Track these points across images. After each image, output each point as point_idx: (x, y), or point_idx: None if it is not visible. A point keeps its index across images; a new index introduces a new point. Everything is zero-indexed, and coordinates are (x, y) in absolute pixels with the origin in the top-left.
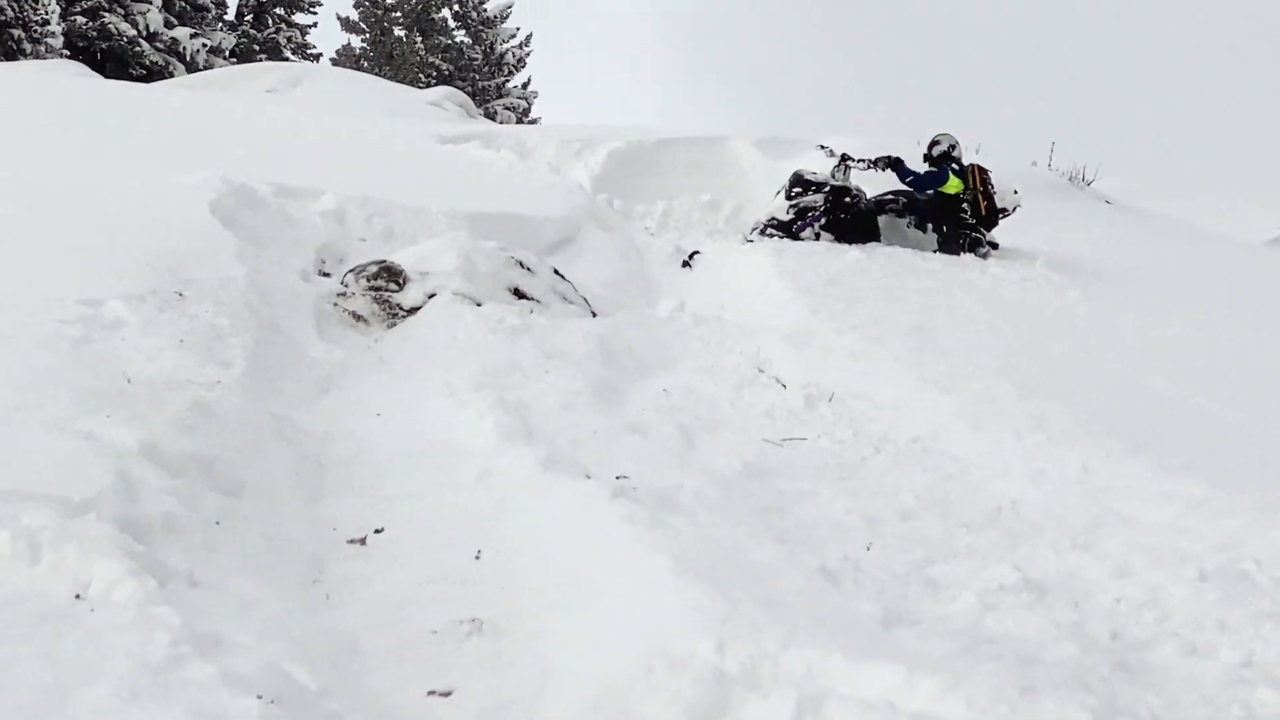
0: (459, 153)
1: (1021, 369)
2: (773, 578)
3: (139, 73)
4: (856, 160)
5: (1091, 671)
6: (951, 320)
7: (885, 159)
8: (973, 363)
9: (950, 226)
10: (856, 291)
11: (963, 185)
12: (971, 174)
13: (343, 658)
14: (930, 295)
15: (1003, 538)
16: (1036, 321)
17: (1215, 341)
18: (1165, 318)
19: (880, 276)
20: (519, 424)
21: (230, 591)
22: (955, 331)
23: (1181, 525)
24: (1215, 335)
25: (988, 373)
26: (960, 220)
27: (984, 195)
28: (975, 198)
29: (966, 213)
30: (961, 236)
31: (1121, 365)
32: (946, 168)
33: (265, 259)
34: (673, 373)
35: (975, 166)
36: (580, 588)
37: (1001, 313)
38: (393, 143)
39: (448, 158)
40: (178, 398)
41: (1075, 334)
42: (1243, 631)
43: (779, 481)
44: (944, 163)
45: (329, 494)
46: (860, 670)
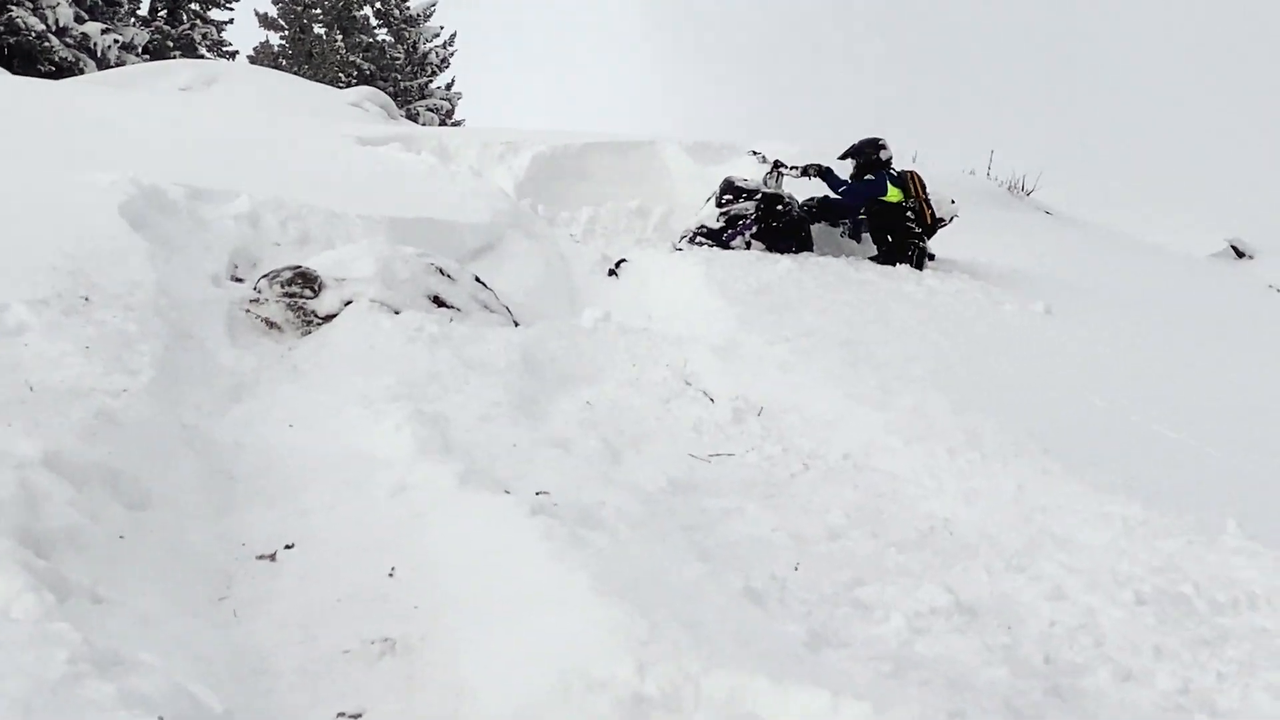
0: (379, 155)
1: (957, 384)
2: (696, 598)
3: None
4: (789, 168)
5: (1023, 697)
6: (885, 333)
7: (816, 167)
8: (906, 377)
9: (896, 237)
10: (787, 302)
11: (903, 194)
12: (911, 181)
13: (250, 678)
14: (864, 307)
15: (935, 558)
16: (972, 335)
17: (1155, 358)
18: (1105, 333)
19: (813, 287)
20: (437, 436)
21: (134, 608)
22: (889, 344)
23: (1119, 547)
24: (1155, 351)
25: (922, 387)
26: (908, 230)
27: (926, 203)
28: (920, 206)
29: (912, 222)
30: (910, 248)
31: (1059, 381)
32: (883, 175)
33: (176, 263)
34: (597, 385)
35: (913, 173)
36: (497, 606)
37: (937, 326)
38: (310, 144)
39: (367, 160)
40: (82, 406)
41: (1012, 348)
42: (1180, 657)
43: (705, 498)
44: (878, 169)
45: (239, 507)
46: (785, 694)
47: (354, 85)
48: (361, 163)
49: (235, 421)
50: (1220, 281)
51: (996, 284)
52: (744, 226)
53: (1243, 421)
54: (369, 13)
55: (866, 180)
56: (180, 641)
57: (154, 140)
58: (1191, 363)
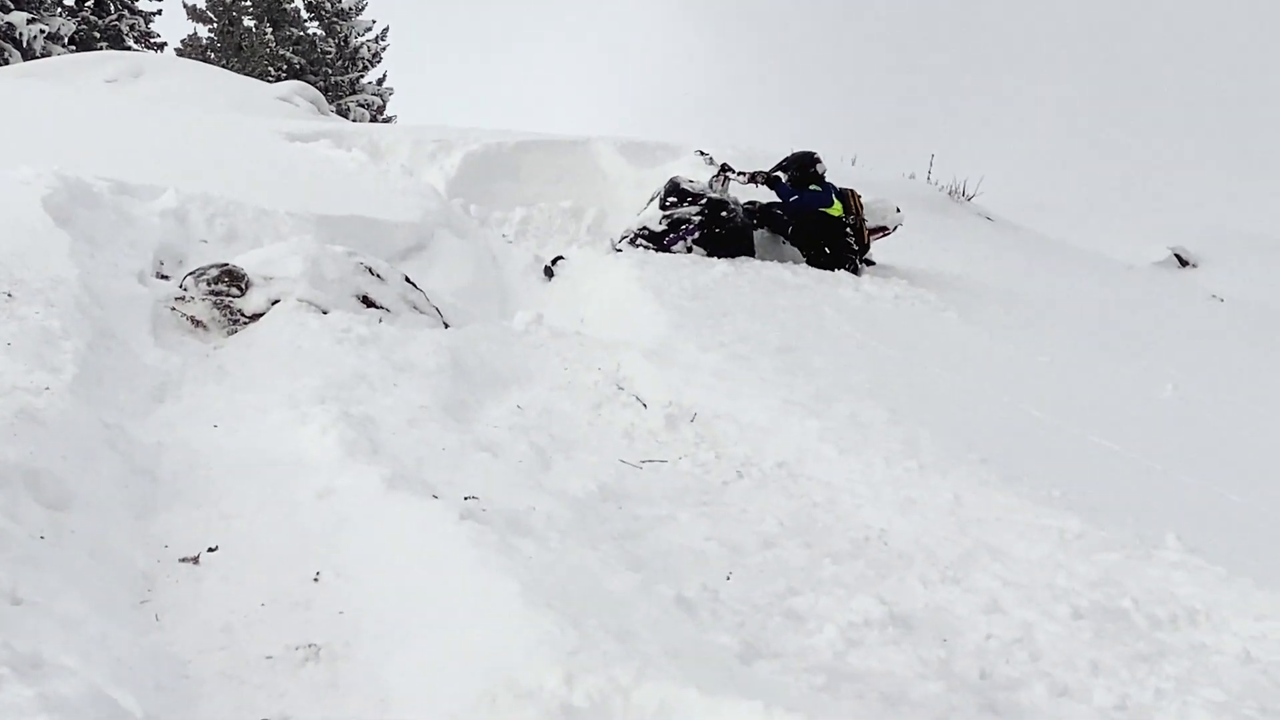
0: (308, 151)
1: (893, 392)
2: (627, 607)
3: None
4: (736, 172)
5: (958, 712)
6: (821, 339)
7: (764, 174)
8: (843, 384)
9: (835, 250)
10: (723, 307)
11: (844, 209)
12: (851, 198)
13: (171, 683)
14: (800, 313)
15: (869, 569)
16: (910, 342)
17: (1094, 367)
18: (1044, 342)
19: (749, 292)
20: (364, 439)
21: (54, 610)
22: (825, 351)
23: (1056, 560)
24: (1094, 361)
25: (858, 395)
26: (847, 245)
27: (862, 221)
28: (858, 224)
29: (851, 237)
30: (847, 260)
31: (998, 391)
32: (830, 188)
33: (100, 259)
34: (528, 389)
35: (852, 190)
36: (424, 613)
37: (874, 333)
38: (239, 139)
39: (296, 156)
40: (2, 404)
41: (951, 357)
42: (1117, 673)
43: (636, 506)
44: (822, 183)
45: (161, 509)
46: (716, 706)
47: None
48: (290, 159)
49: (159, 422)
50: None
51: (935, 291)
52: (687, 231)
53: (1182, 433)
54: (300, 5)
55: (813, 190)
56: (101, 645)
57: (79, 134)
58: (1131, 373)
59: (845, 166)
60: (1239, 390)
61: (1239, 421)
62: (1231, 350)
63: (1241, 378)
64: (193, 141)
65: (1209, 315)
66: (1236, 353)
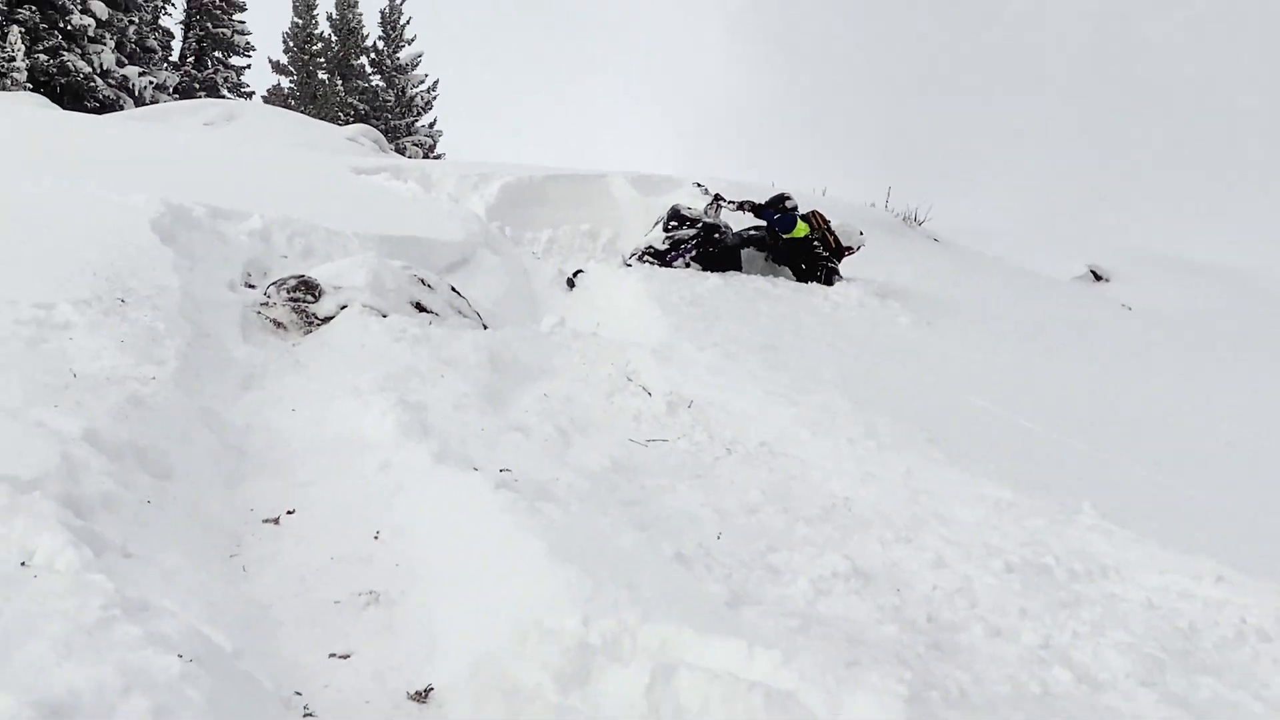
0: (371, 182)
1: (857, 384)
2: (634, 562)
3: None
4: (728, 201)
5: (909, 650)
6: (797, 340)
7: (749, 203)
8: (814, 378)
9: (809, 263)
10: (715, 313)
11: (808, 229)
12: (813, 218)
13: (255, 623)
14: (780, 319)
15: (836, 531)
16: (871, 343)
17: (1025, 364)
18: (983, 342)
19: (737, 301)
20: (416, 422)
21: (158, 562)
22: (800, 350)
23: (991, 524)
24: (1025, 358)
25: (827, 387)
26: (816, 256)
27: (829, 232)
28: (823, 235)
29: (819, 248)
30: (819, 269)
31: (943, 383)
32: (793, 216)
33: (198, 271)
34: (552, 380)
35: (815, 212)
36: (466, 566)
37: (841, 335)
38: (314, 172)
39: (361, 186)
40: (117, 391)
41: (905, 355)
42: (1042, 618)
43: (642, 477)
44: (791, 213)
45: (247, 478)
46: (707, 644)
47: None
48: (356, 188)
49: (246, 406)
50: (1080, 299)
51: (892, 300)
52: (685, 250)
53: (1096, 418)
54: (365, 62)
55: (781, 217)
56: (197, 592)
57: (181, 167)
58: (1052, 368)
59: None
60: (1143, 382)
61: (1143, 408)
62: (1137, 349)
63: (1145, 372)
64: (275, 174)
65: (1119, 321)
66: (1141, 351)
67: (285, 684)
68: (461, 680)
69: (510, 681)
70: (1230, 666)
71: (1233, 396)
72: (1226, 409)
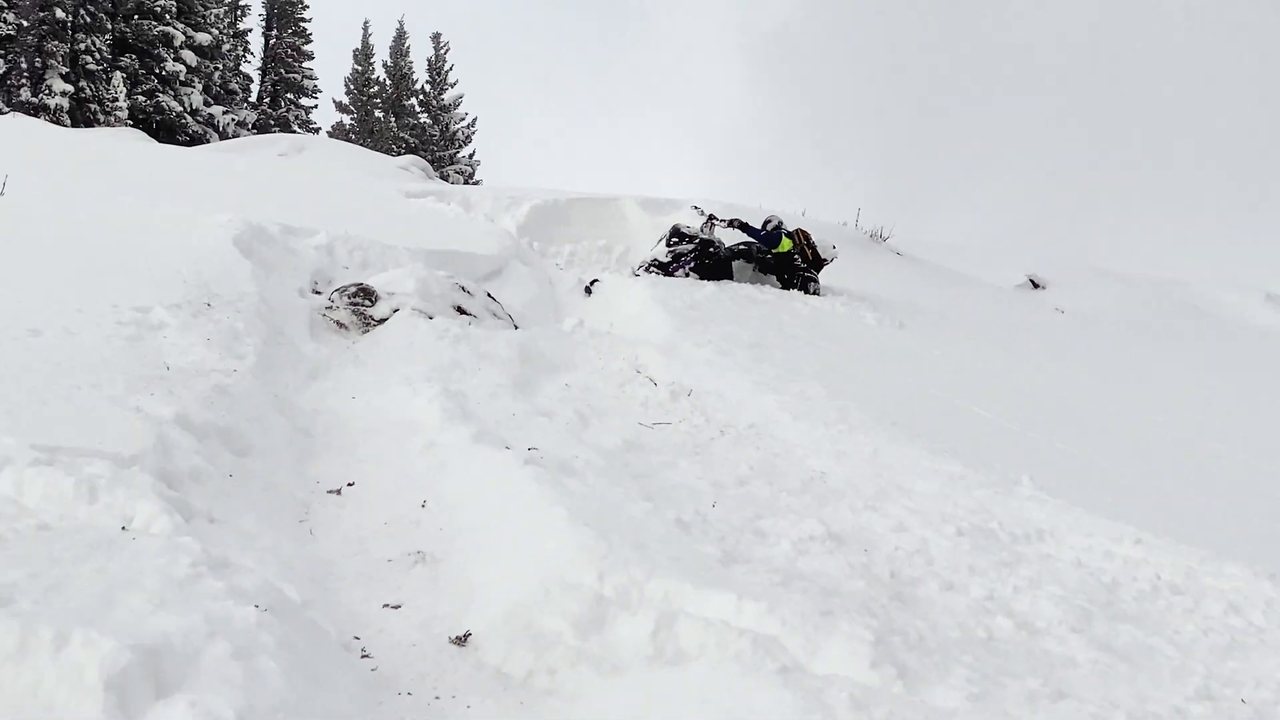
0: (419, 204)
1: (831, 376)
2: (641, 526)
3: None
4: (720, 220)
5: (875, 601)
6: (780, 339)
7: (738, 220)
8: (795, 371)
9: (789, 274)
10: (711, 316)
11: (791, 244)
12: (797, 236)
13: (321, 578)
14: (765, 320)
15: (813, 500)
16: (843, 342)
17: (974, 359)
18: (938, 340)
19: (729, 305)
20: (457, 408)
21: (238, 527)
22: (783, 347)
23: (945, 494)
24: (975, 354)
25: (806, 378)
26: (796, 268)
27: (809, 247)
28: (803, 250)
29: (799, 262)
30: (798, 278)
31: (905, 375)
32: (779, 233)
33: (272, 280)
34: (573, 372)
35: (799, 230)
36: (498, 530)
37: (818, 334)
38: (370, 195)
39: (411, 208)
40: (204, 381)
41: (872, 351)
42: (987, 574)
43: (649, 455)
44: (776, 231)
45: (314, 455)
46: (704, 596)
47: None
48: (407, 209)
49: (313, 395)
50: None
51: (862, 305)
52: (685, 262)
53: (1034, 404)
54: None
55: (768, 234)
56: (271, 552)
57: (258, 191)
58: (998, 363)
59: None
60: (1073, 374)
61: (1073, 395)
62: (1067, 346)
63: (1075, 365)
64: (338, 197)
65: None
66: (1072, 348)
67: (346, 630)
68: (495, 627)
69: (536, 628)
70: (1147, 615)
71: (1149, 386)
72: (1144, 396)
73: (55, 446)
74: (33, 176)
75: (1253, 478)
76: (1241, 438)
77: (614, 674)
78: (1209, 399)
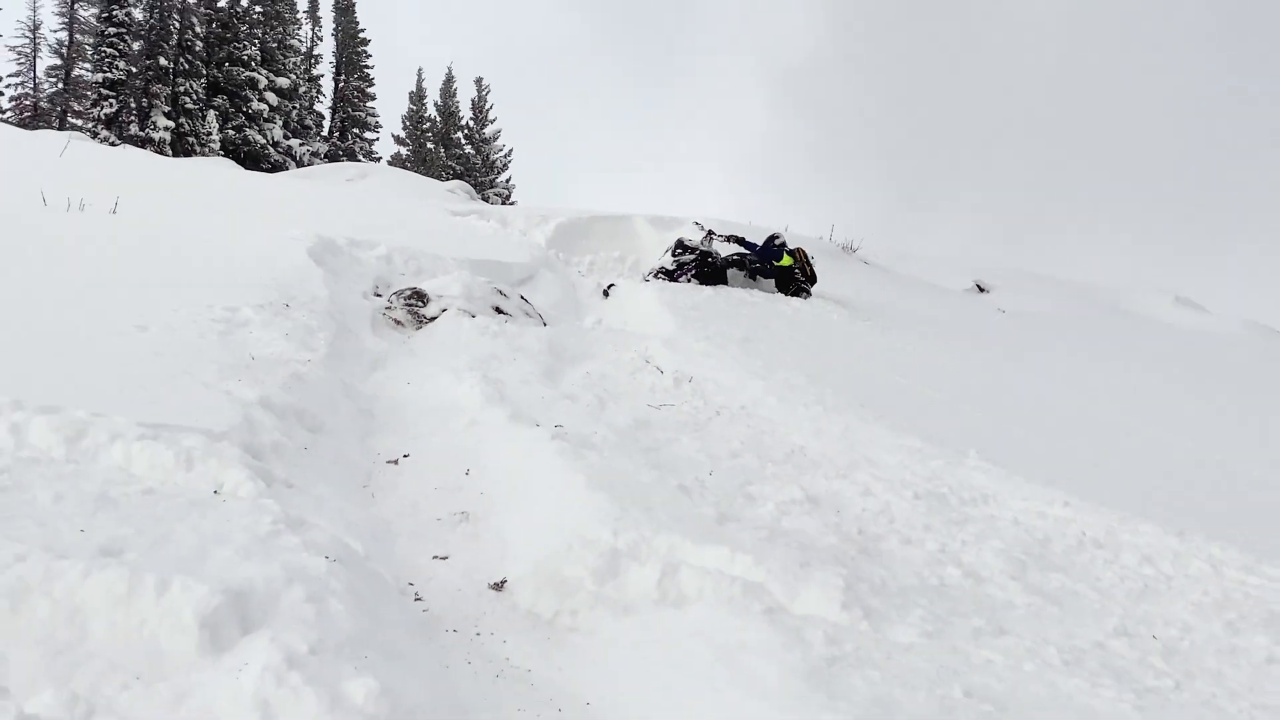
0: (463, 222)
1: (810, 366)
2: (649, 491)
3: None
4: (718, 235)
5: (845, 553)
6: (767, 334)
7: (734, 236)
8: (779, 361)
9: (789, 284)
10: (709, 315)
11: (792, 261)
12: (798, 254)
13: (380, 535)
14: (755, 319)
15: (794, 469)
16: (820, 337)
17: (931, 351)
18: (901, 335)
19: (724, 306)
20: (495, 392)
21: (311, 492)
22: (768, 341)
23: (905, 464)
24: (931, 347)
25: (789, 368)
26: (795, 280)
27: (808, 263)
28: (803, 266)
29: (799, 276)
30: (792, 288)
31: (872, 365)
32: (782, 249)
33: (340, 285)
34: (592, 362)
35: (799, 249)
36: (529, 494)
37: (798, 331)
38: (422, 214)
39: (456, 225)
40: (283, 370)
41: (845, 345)
42: (940, 531)
43: (655, 432)
44: (780, 248)
45: (375, 432)
46: (702, 550)
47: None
48: (453, 226)
49: (374, 381)
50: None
51: (836, 306)
52: (687, 269)
53: (980, 390)
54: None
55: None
56: (339, 512)
57: (328, 211)
58: (951, 353)
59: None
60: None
61: (1013, 381)
62: (1009, 341)
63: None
64: (395, 215)
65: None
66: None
67: (401, 577)
68: (527, 575)
69: (561, 576)
70: (1073, 566)
71: (1080, 375)
72: (1075, 383)
73: (158, 424)
74: (140, 199)
75: (1165, 452)
76: (1157, 418)
77: (626, 614)
78: (1132, 387)
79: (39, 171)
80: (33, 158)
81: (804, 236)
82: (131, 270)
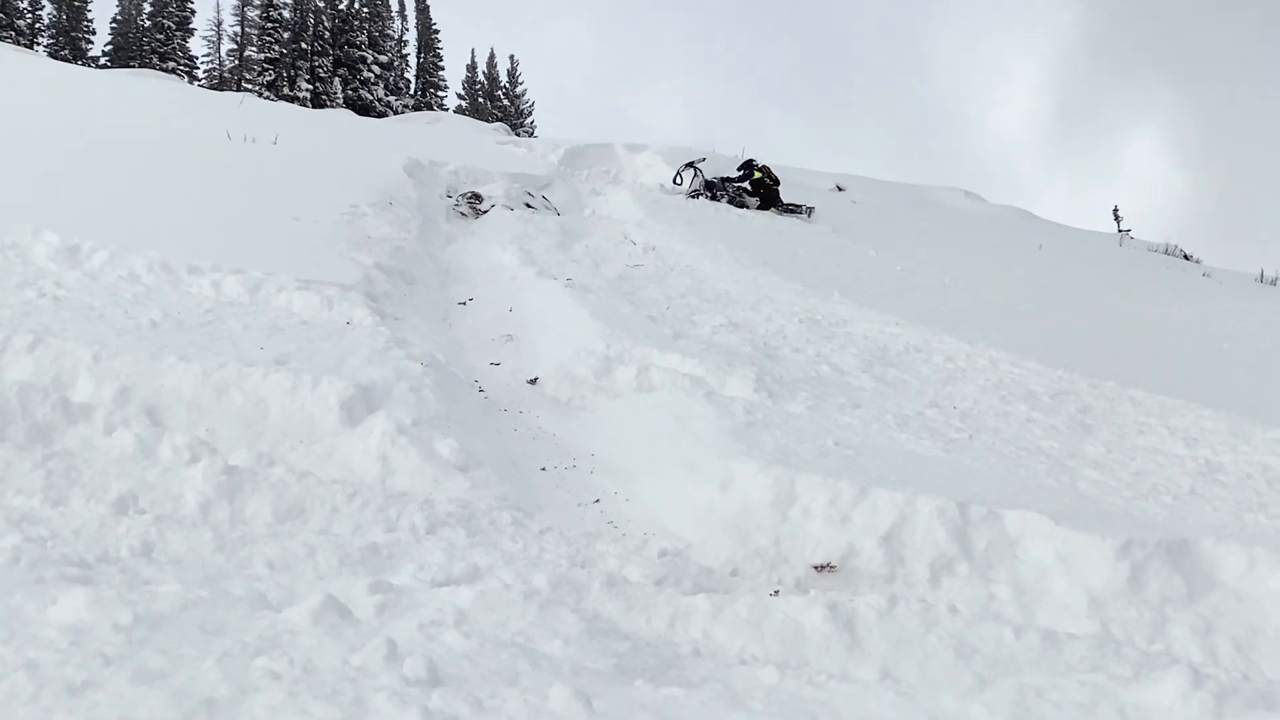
0: (503, 149)
1: (735, 242)
2: (629, 320)
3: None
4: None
5: (755, 357)
6: (707, 226)
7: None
8: (714, 238)
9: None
10: (670, 212)
11: (763, 175)
12: (765, 170)
13: (455, 349)
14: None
15: (722, 305)
16: (735, 224)
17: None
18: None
19: (684, 207)
20: (527, 257)
21: (410, 323)
22: (710, 229)
23: (793, 301)
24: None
25: (719, 242)
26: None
27: (770, 179)
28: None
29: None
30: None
31: (770, 240)
32: (752, 168)
33: (425, 190)
34: (589, 239)
35: (765, 166)
36: (551, 323)
37: (723, 218)
38: (478, 143)
39: (499, 150)
40: (389, 244)
41: (751, 228)
42: (816, 344)
43: (633, 283)
44: (749, 168)
45: (450, 284)
46: (663, 356)
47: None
48: (497, 151)
49: (449, 253)
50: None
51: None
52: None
53: (839, 253)
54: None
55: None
56: (428, 336)
57: (415, 143)
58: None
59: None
60: (864, 241)
61: (865, 251)
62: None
63: (864, 235)
64: (460, 145)
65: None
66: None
67: (469, 376)
68: (550, 374)
69: (573, 374)
70: (903, 363)
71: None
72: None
73: (309, 279)
74: (291, 136)
75: (960, 293)
76: (954, 271)
77: (615, 398)
78: (944, 253)
79: (224, 119)
80: (220, 111)
81: (798, 187)
82: (288, 181)
